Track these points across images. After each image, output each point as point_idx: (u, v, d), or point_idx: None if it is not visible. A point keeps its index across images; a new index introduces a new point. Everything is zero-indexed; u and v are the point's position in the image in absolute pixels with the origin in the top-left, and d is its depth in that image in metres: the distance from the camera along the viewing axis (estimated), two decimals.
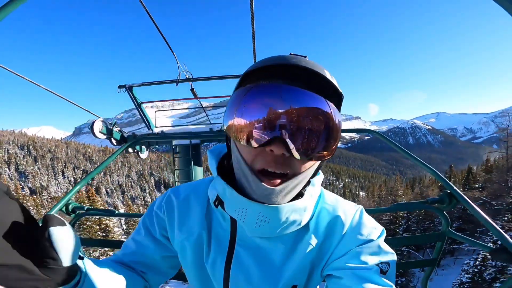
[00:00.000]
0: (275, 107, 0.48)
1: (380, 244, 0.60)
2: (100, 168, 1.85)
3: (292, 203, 0.55)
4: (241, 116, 0.51)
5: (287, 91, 0.48)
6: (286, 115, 0.47)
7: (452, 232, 1.48)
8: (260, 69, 0.53)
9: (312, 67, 0.50)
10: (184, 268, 0.74)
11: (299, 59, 0.51)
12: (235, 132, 0.52)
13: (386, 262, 0.58)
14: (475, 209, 1.24)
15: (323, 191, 0.70)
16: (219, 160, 0.66)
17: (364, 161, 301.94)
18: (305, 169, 0.54)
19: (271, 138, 0.48)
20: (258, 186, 0.52)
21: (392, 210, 1.58)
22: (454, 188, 1.41)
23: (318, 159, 0.52)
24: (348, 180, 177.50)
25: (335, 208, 0.66)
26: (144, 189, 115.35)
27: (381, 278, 0.55)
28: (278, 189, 0.52)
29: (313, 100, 0.48)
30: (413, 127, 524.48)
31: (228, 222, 0.66)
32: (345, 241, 0.62)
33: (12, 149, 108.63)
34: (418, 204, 1.59)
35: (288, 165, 0.52)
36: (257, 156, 0.52)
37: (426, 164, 1.65)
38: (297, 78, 0.51)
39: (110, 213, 1.82)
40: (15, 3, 0.66)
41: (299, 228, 0.61)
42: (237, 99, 0.52)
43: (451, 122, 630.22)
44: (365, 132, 2.12)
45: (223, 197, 0.58)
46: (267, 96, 0.49)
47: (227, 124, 0.54)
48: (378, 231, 0.63)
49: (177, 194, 0.74)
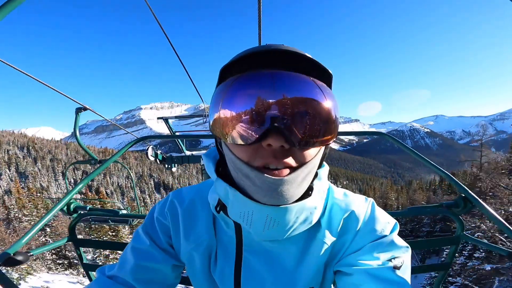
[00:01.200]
0: (263, 96, 0.43)
1: (394, 239, 0.58)
2: (101, 169, 1.80)
3: (302, 202, 0.50)
4: (227, 113, 0.45)
5: (273, 77, 0.44)
6: (277, 103, 0.42)
7: (467, 236, 1.46)
8: (237, 61, 0.47)
9: (293, 50, 0.46)
10: (192, 278, 0.70)
11: (276, 45, 0.47)
12: (222, 133, 0.47)
13: (400, 257, 0.55)
14: (491, 212, 1.22)
15: (331, 186, 0.66)
16: (216, 162, 0.60)
17: (362, 163, 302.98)
18: (311, 157, 0.49)
19: (265, 130, 0.43)
20: (263, 180, 0.45)
21: (406, 214, 1.57)
22: (469, 192, 1.37)
23: (321, 144, 0.48)
24: (346, 182, 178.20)
25: (347, 203, 0.62)
26: (143, 190, 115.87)
27: (395, 274, 0.53)
28: (289, 179, 0.46)
29: (302, 82, 0.44)
30: (411, 129, 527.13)
31: (232, 228, 0.61)
32: (359, 237, 0.59)
33: (12, 150, 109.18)
34: (432, 208, 1.57)
35: (290, 157, 0.46)
36: (254, 154, 0.46)
37: (439, 167, 1.63)
38: (280, 63, 0.47)
39: (114, 214, 1.73)
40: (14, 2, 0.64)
41: (310, 227, 0.57)
42: (219, 97, 0.47)
43: (449, 125, 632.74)
44: (375, 134, 2.11)
45: (225, 200, 0.53)
46: (251, 86, 0.44)
47: (211, 126, 0.49)
48: (391, 225, 0.60)
49: (181, 199, 0.69)
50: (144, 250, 0.65)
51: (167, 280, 0.68)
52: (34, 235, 1.14)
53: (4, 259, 0.97)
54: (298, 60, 0.47)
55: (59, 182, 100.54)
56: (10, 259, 0.98)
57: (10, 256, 0.98)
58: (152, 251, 0.65)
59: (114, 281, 0.63)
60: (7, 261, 0.98)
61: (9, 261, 0.98)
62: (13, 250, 1.01)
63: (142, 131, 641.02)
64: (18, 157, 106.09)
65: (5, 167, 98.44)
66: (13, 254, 0.99)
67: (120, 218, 1.69)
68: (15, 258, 0.99)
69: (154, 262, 0.65)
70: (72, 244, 1.59)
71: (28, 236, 1.11)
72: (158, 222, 0.68)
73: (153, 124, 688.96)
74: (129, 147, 1.93)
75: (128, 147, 1.94)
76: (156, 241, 0.67)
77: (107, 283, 0.62)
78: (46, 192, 76.51)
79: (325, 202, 0.62)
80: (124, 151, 1.91)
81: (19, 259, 1.00)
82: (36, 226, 1.17)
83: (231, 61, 0.48)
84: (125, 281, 0.63)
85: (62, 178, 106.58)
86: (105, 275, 0.65)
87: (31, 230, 1.14)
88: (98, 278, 0.65)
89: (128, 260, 0.65)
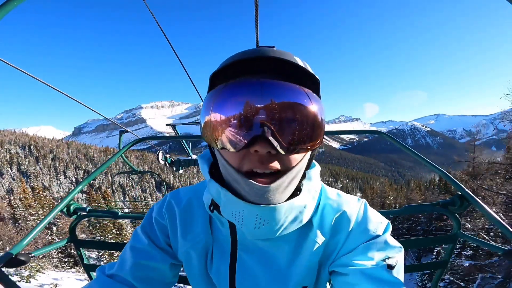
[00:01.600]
0: (250, 103, 0.45)
1: (387, 239, 0.59)
2: (101, 169, 1.79)
3: (291, 202, 0.52)
4: (216, 120, 0.48)
5: (259, 85, 0.45)
6: (263, 111, 0.44)
7: (463, 234, 1.47)
8: (226, 68, 0.50)
9: (281, 56, 0.47)
10: (189, 277, 0.72)
11: (265, 50, 0.49)
12: (212, 139, 0.49)
13: (393, 257, 0.56)
14: (487, 210, 1.23)
15: (324, 186, 0.68)
16: (210, 164, 0.62)
17: (363, 162, 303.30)
18: (297, 162, 0.51)
19: (252, 137, 0.45)
20: (250, 186, 0.48)
21: (402, 212, 1.59)
22: (465, 190, 1.38)
23: (307, 150, 0.50)
24: (347, 181, 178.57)
25: (340, 203, 0.63)
26: (144, 189, 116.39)
27: (389, 274, 0.54)
28: (274, 186, 0.48)
29: (288, 89, 0.46)
30: (412, 128, 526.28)
31: (226, 227, 0.63)
32: (352, 237, 0.60)
33: (13, 149, 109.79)
34: (429, 206, 1.58)
35: (277, 163, 0.49)
36: (243, 159, 0.49)
37: (438, 166, 1.63)
38: (267, 70, 0.49)
39: (113, 215, 1.72)
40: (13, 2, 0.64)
41: (302, 226, 0.58)
42: (209, 104, 0.49)
43: (450, 124, 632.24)
44: (373, 133, 2.14)
45: (218, 200, 0.55)
46: (239, 94, 0.46)
47: (202, 132, 0.52)
48: (384, 225, 0.61)
49: (178, 199, 0.71)
50: (143, 249, 0.67)
51: (165, 278, 0.69)
52: (35, 236, 1.17)
53: (6, 260, 0.99)
54: (286, 66, 0.48)
55: (61, 181, 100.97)
56: (12, 259, 1.00)
57: (12, 257, 1.00)
58: (150, 250, 0.67)
59: (113, 280, 0.64)
60: (9, 261, 1.00)
61: (11, 262, 1.00)
62: (16, 251, 1.03)
63: (143, 130, 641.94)
64: (20, 157, 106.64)
65: (7, 166, 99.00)
66: (15, 255, 1.01)
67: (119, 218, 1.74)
68: (18, 259, 1.01)
69: (153, 261, 0.66)
70: (73, 245, 1.61)
71: (29, 238, 1.13)
72: (156, 222, 0.70)
73: (154, 123, 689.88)
74: (129, 146, 1.97)
75: (128, 146, 1.96)
76: (154, 241, 0.68)
77: (107, 282, 0.63)
78: (48, 191, 76.92)
79: (318, 202, 0.62)
80: (124, 150, 1.92)
81: (22, 259, 1.02)
82: (37, 228, 1.19)
83: (220, 67, 0.50)
84: (124, 280, 0.64)
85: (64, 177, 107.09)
86: (105, 274, 0.66)
87: (32, 232, 1.16)
88: (98, 277, 0.65)
89: (127, 259, 0.66)
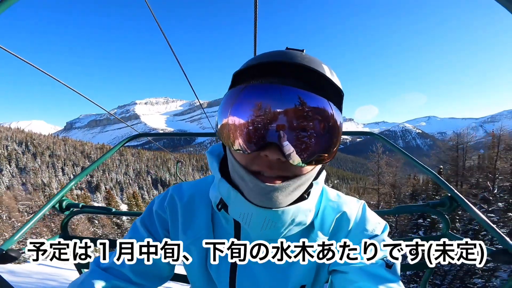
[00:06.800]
0: (268, 109, 0.44)
1: (384, 239, 0.60)
2: (96, 164, 1.74)
3: (298, 205, 0.52)
4: (232, 120, 0.47)
5: (280, 91, 0.44)
6: (278, 117, 0.44)
7: (452, 235, 1.45)
8: (252, 67, 0.49)
9: (308, 63, 0.46)
10: (188, 272, 0.72)
11: (293, 55, 0.48)
12: (226, 137, 0.49)
13: (391, 256, 0.58)
14: (475, 211, 1.22)
15: (325, 188, 0.68)
16: (220, 160, 0.62)
17: (354, 163, 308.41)
18: (306, 171, 0.51)
19: (265, 143, 0.45)
20: (256, 184, 0.48)
21: (393, 212, 1.61)
22: (455, 192, 1.37)
23: (317, 163, 0.49)
24: (337, 181, 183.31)
25: (340, 205, 0.65)
26: (141, 186, 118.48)
27: (388, 272, 0.55)
28: (279, 186, 0.48)
29: (310, 100, 0.45)
30: (403, 130, 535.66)
31: (231, 225, 0.64)
32: (351, 237, 0.61)
33: (11, 146, 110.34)
34: (419, 207, 1.60)
35: (285, 169, 0.49)
36: (252, 160, 0.49)
37: (429, 168, 1.61)
38: (291, 76, 0.48)
39: (107, 211, 1.66)
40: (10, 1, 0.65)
41: (304, 228, 0.60)
42: (228, 102, 0.49)
43: (441, 126, 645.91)
44: (365, 134, 2.10)
45: (227, 200, 0.55)
46: (259, 98, 0.45)
47: (218, 129, 0.52)
48: (382, 225, 0.63)
49: (181, 194, 0.70)
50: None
51: (163, 272, 0.69)
52: (26, 232, 1.14)
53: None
54: (311, 73, 0.47)
55: (59, 178, 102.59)
56: (2, 256, 0.98)
57: (3, 253, 0.98)
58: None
59: (109, 273, 0.62)
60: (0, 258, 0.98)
61: (1, 258, 0.98)
62: (6, 247, 1.01)
63: (137, 126, 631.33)
64: (18, 153, 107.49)
65: (5, 162, 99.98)
66: (6, 251, 0.99)
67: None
68: (8, 254, 0.99)
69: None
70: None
71: (20, 233, 1.11)
72: (157, 215, 0.69)
73: (148, 120, 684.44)
74: (124, 143, 1.95)
75: (123, 143, 1.93)
76: (153, 234, 0.67)
77: (103, 275, 0.61)
78: (48, 188, 78.86)
79: (319, 203, 0.64)
80: (119, 147, 1.92)
81: (12, 255, 1.00)
82: (28, 224, 1.17)
83: (244, 66, 0.50)
84: (121, 273, 0.62)
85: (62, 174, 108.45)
86: (100, 267, 0.63)
87: (23, 227, 1.14)
88: (93, 270, 0.62)
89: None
